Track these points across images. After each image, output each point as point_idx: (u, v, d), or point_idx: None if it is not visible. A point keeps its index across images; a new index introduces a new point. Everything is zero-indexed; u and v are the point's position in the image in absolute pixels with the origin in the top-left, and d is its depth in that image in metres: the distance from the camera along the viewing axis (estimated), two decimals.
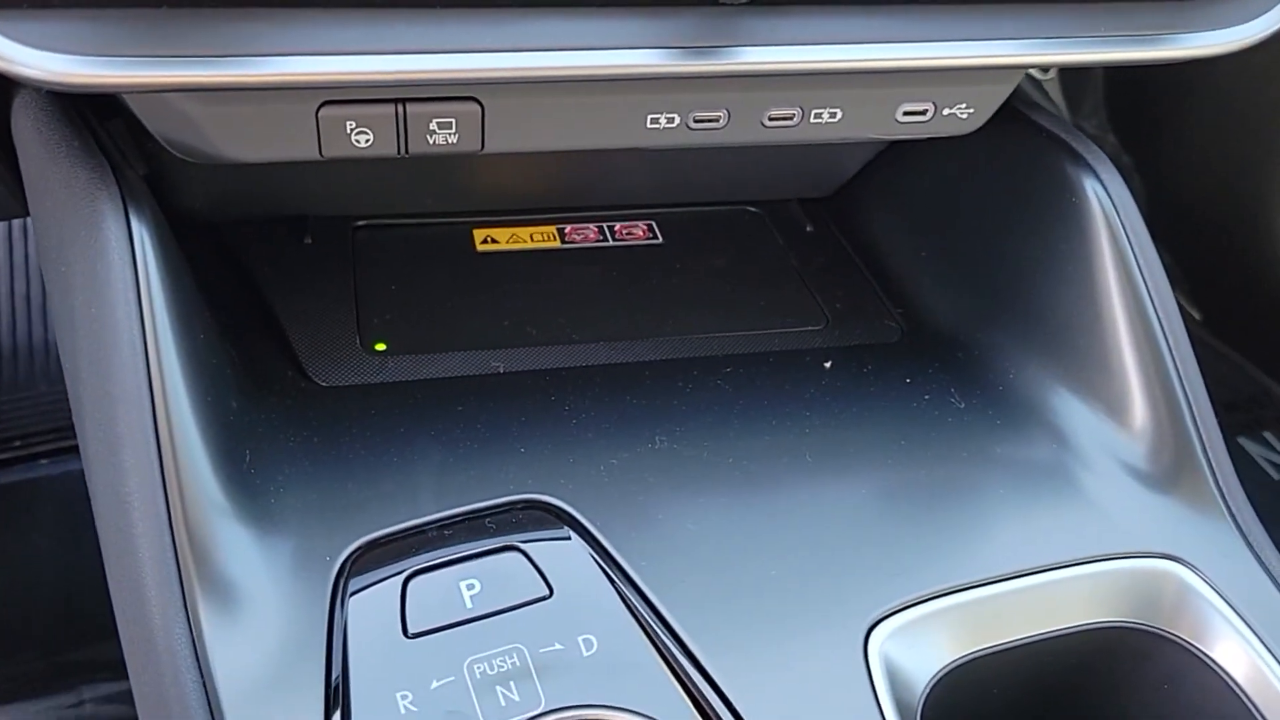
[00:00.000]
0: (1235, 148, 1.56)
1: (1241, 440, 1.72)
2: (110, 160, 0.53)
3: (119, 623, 0.49)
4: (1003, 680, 0.55)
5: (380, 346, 0.64)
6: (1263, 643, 0.53)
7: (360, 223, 0.73)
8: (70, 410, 0.64)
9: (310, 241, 0.70)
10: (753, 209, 0.79)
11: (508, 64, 0.49)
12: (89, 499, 0.56)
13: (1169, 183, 1.79)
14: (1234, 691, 0.53)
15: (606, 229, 0.76)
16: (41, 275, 1.14)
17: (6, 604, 1.27)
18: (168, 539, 0.47)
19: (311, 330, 0.64)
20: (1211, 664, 0.54)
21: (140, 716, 0.48)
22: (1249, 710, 0.52)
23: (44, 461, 1.35)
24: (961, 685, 0.53)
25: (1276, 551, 0.58)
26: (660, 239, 0.76)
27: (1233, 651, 0.53)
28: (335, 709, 0.46)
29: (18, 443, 1.35)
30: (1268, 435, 1.73)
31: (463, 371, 0.63)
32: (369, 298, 0.67)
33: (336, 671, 0.47)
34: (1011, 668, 0.55)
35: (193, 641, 0.46)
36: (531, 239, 0.74)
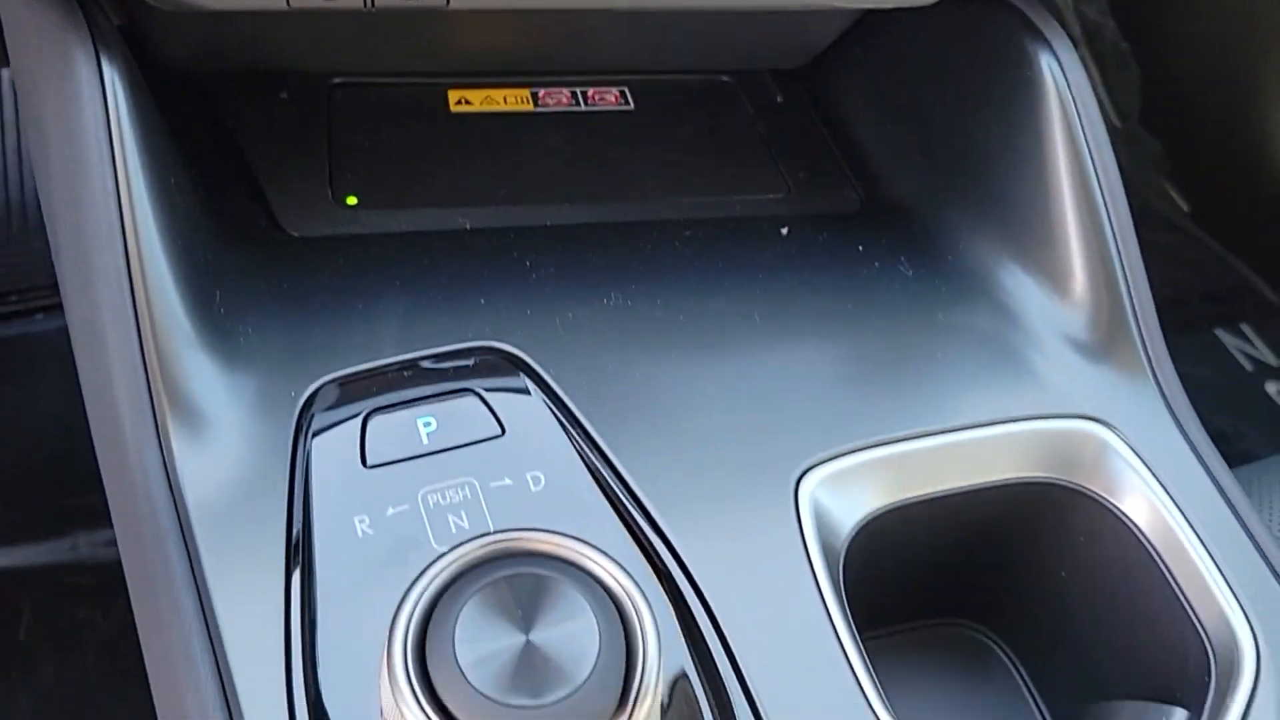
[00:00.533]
0: (1233, 40, 1.55)
1: (1218, 331, 1.76)
2: (83, 6, 0.54)
3: (96, 448, 0.53)
4: (927, 530, 0.59)
5: (351, 200, 0.66)
6: (1169, 494, 0.56)
7: (337, 80, 0.74)
8: None
9: (286, 97, 0.71)
10: (725, 78, 0.80)
11: None
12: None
13: (1167, 72, 1.78)
14: (1139, 540, 0.57)
15: (579, 94, 0.77)
16: None
17: (5, 453, 1.32)
18: (140, 367, 0.50)
19: (285, 182, 0.66)
20: (1122, 516, 0.57)
21: (117, 533, 0.52)
22: (1150, 555, 0.56)
23: (40, 316, 1.37)
24: (886, 532, 0.57)
25: (1196, 416, 0.61)
26: (632, 105, 0.77)
27: (1140, 504, 0.57)
28: (297, 528, 0.50)
29: (14, 298, 1.37)
30: (1244, 327, 1.76)
31: (430, 226, 0.65)
32: (342, 153, 0.69)
33: (299, 495, 0.50)
34: (936, 518, 0.58)
35: (164, 464, 0.50)
36: (505, 101, 0.75)
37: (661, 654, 0.43)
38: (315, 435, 0.52)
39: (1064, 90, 0.64)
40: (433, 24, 0.73)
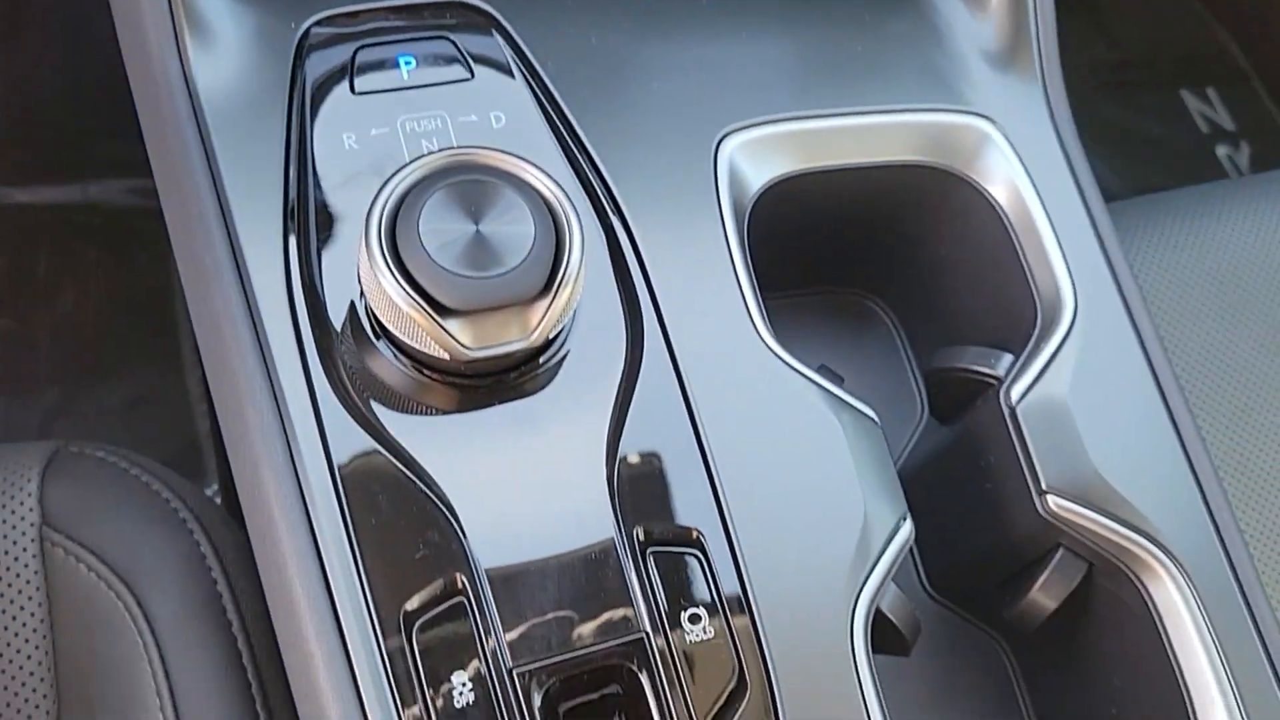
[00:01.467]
0: None
1: (1183, 92, 1.81)
2: None
3: (125, 60, 0.62)
4: (825, 200, 0.69)
5: None
6: (1032, 183, 0.67)
7: None
8: None
9: None
10: None
11: None
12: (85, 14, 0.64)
13: None
14: (1001, 220, 0.67)
15: None
16: None
17: (13, 101, 1.38)
18: None
19: None
20: (990, 199, 0.68)
21: (144, 131, 0.62)
22: (1008, 233, 0.67)
23: None
24: (789, 197, 0.67)
25: (1071, 120, 0.70)
26: None
27: (1006, 190, 0.67)
28: (294, 136, 0.59)
29: None
30: (1210, 91, 1.82)
31: None
32: None
33: (296, 110, 0.60)
34: (833, 189, 0.68)
35: (184, 73, 0.59)
36: None
37: (584, 255, 0.54)
38: (311, 62, 0.61)
39: None
40: None
